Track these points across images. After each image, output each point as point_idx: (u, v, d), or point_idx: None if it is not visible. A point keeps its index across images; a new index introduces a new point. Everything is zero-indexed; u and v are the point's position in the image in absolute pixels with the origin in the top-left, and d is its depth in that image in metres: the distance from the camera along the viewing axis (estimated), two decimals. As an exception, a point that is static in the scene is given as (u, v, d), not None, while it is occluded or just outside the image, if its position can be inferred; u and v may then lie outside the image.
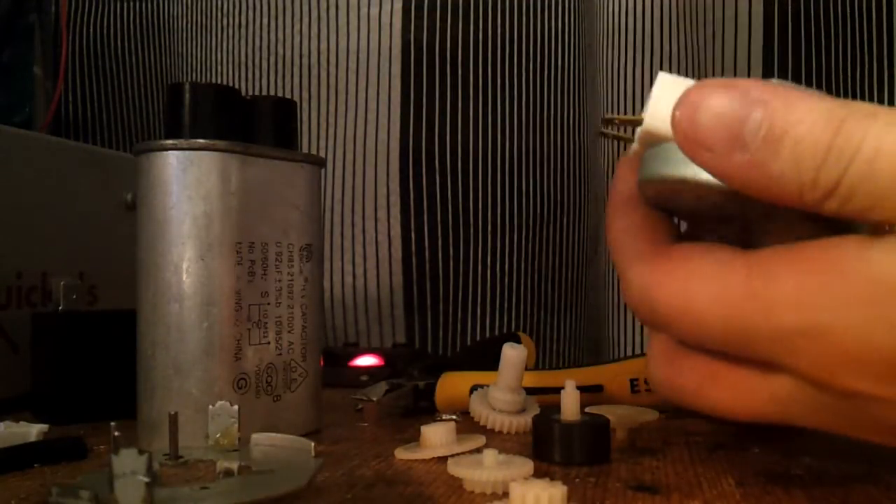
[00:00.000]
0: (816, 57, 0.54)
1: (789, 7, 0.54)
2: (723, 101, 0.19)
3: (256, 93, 0.63)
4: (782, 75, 0.54)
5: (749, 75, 0.54)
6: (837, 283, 0.18)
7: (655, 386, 0.24)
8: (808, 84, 0.54)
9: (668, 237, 0.24)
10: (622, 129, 0.24)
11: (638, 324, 0.55)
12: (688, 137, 0.20)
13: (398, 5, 0.60)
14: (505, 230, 0.60)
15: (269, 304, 0.33)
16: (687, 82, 0.21)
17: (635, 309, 0.23)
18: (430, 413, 0.40)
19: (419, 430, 0.32)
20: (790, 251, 0.20)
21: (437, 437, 0.31)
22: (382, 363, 0.53)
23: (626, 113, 0.54)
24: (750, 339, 0.20)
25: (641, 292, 0.22)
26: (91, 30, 0.70)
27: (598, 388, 0.39)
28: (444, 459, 0.29)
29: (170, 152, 0.32)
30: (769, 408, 0.21)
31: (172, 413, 0.25)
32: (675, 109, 0.20)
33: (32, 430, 0.32)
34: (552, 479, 0.24)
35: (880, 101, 0.54)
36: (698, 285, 0.20)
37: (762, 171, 0.19)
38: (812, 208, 0.19)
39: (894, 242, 0.18)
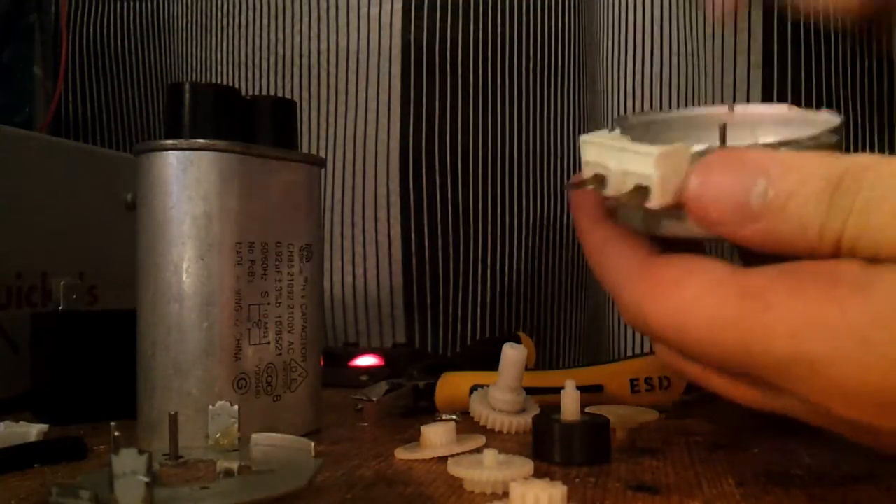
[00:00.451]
0: (816, 54, 0.54)
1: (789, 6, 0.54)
2: (725, 178, 0.20)
3: (256, 93, 0.63)
4: (781, 73, 0.54)
5: (749, 73, 0.54)
6: (833, 314, 0.18)
7: (664, 366, 0.24)
8: (808, 82, 0.54)
9: (652, 248, 0.23)
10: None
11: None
12: (700, 218, 0.21)
13: (398, 5, 0.60)
14: (505, 230, 0.60)
15: (269, 304, 0.33)
16: (680, 152, 0.21)
17: (633, 327, 0.23)
18: (430, 413, 0.40)
19: (419, 430, 0.32)
20: (785, 274, 0.19)
21: (437, 437, 0.31)
22: (382, 363, 0.53)
23: (629, 107, 0.54)
24: (746, 363, 0.20)
25: (635, 313, 0.22)
26: (91, 30, 0.70)
27: (598, 388, 0.39)
28: (444, 459, 0.29)
29: (170, 152, 0.32)
30: (769, 407, 0.22)
31: (172, 413, 0.25)
32: (684, 193, 0.21)
33: (32, 430, 0.32)
34: (552, 479, 0.24)
35: (880, 101, 0.54)
36: (691, 307, 0.20)
37: (774, 236, 0.20)
38: (829, 258, 0.19)
39: (891, 273, 0.18)
